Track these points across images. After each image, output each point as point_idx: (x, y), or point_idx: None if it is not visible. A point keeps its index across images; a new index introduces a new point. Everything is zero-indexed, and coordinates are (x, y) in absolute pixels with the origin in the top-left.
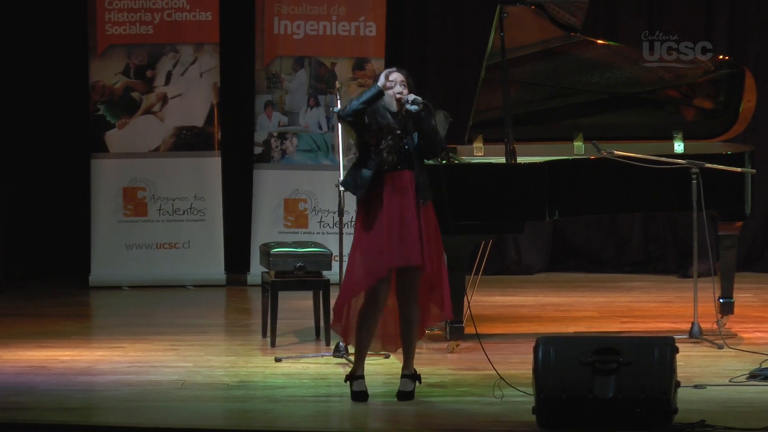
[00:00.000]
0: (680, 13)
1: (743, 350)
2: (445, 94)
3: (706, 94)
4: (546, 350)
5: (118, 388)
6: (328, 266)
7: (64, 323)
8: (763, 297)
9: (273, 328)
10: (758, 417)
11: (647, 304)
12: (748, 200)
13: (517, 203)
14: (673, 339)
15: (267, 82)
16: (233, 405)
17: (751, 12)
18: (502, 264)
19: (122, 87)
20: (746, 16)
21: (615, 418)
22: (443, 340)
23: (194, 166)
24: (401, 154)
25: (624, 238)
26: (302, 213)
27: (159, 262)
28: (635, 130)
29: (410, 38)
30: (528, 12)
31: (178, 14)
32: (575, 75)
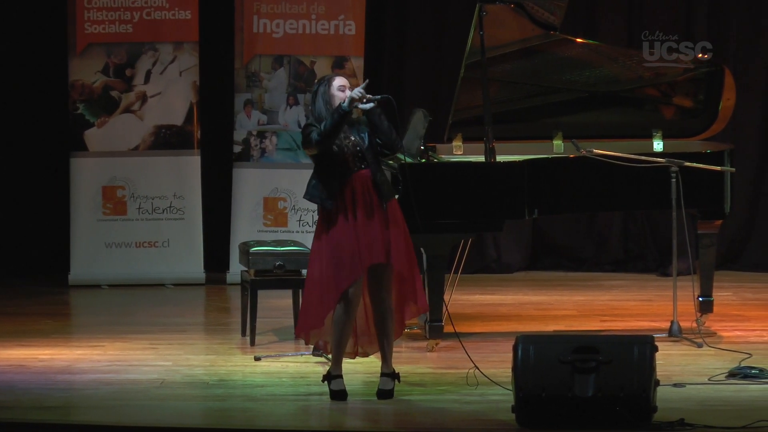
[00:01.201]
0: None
1: (723, 349)
2: (425, 92)
3: (685, 92)
4: (525, 349)
5: (98, 386)
6: (307, 265)
7: (44, 322)
8: (743, 295)
9: (252, 327)
10: (737, 416)
11: (627, 302)
12: (727, 199)
13: (497, 202)
14: (653, 338)
15: (246, 81)
16: (212, 404)
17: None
18: (482, 262)
19: (101, 86)
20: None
21: (594, 417)
22: (422, 338)
23: (174, 165)
24: (357, 155)
25: (603, 237)
26: (282, 212)
27: (138, 261)
28: (615, 128)
29: (390, 37)
30: (507, 10)
31: (158, 13)
32: (555, 73)
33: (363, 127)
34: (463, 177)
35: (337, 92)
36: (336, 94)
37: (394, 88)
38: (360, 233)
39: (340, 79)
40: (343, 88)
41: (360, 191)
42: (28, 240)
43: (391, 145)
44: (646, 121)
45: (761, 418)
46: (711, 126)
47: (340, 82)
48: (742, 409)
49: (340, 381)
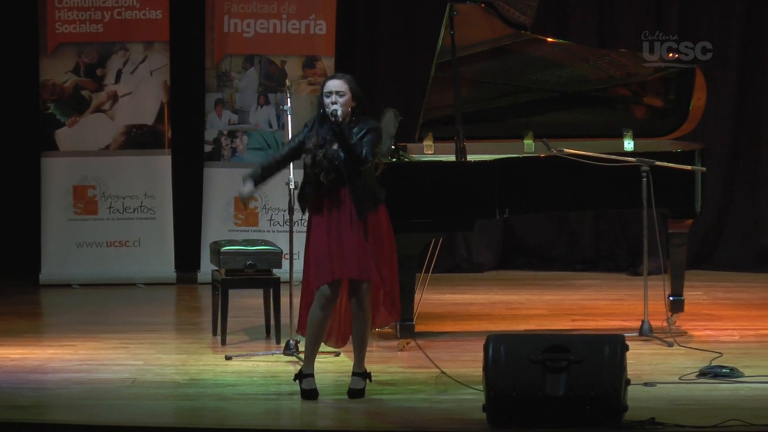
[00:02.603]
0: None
1: (693, 348)
2: (396, 92)
3: (656, 92)
4: (496, 348)
5: (69, 386)
6: (278, 264)
7: (15, 321)
8: (714, 295)
9: (223, 326)
10: (708, 415)
11: (597, 302)
12: (698, 198)
13: (468, 201)
14: (624, 337)
15: (217, 81)
16: (183, 403)
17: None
18: (453, 262)
19: (72, 85)
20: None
21: (565, 416)
22: (394, 338)
23: (144, 165)
24: (331, 168)
25: (574, 236)
26: (252, 211)
27: (109, 261)
28: (585, 127)
29: (361, 36)
30: (478, 10)
31: (128, 12)
32: (525, 73)
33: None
34: (434, 176)
35: (325, 98)
36: (324, 101)
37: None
38: (336, 244)
39: (331, 82)
40: (329, 93)
41: (335, 203)
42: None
43: (355, 160)
44: (617, 120)
45: (732, 417)
46: (682, 125)
47: (329, 87)
48: (712, 408)
49: (311, 380)
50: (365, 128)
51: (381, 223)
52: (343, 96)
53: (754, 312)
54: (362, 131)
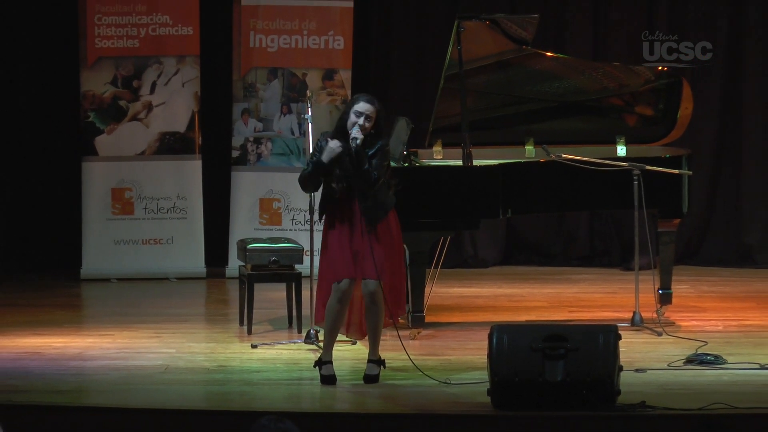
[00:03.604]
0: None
1: (681, 337)
2: (408, 101)
3: (646, 102)
4: (500, 337)
5: (107, 372)
6: (299, 260)
7: (57, 313)
8: (700, 288)
9: (249, 317)
10: (694, 398)
11: (593, 294)
12: (685, 199)
13: (474, 202)
14: (617, 327)
15: (243, 92)
16: (213, 388)
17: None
18: (460, 258)
19: (111, 96)
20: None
21: (563, 400)
22: (406, 327)
23: (177, 169)
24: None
25: (571, 234)
26: (276, 211)
27: (144, 257)
28: (582, 135)
29: (375, 50)
30: (483, 27)
31: (162, 29)
32: (527, 84)
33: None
34: (443, 179)
35: (352, 115)
36: (351, 117)
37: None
38: (350, 247)
39: (363, 104)
40: (359, 114)
41: (349, 210)
42: (43, 238)
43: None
44: (611, 128)
45: (716, 401)
46: (670, 133)
47: (360, 108)
48: (698, 392)
49: (330, 367)
50: (376, 147)
51: (390, 228)
52: (370, 121)
53: (737, 304)
54: (373, 149)
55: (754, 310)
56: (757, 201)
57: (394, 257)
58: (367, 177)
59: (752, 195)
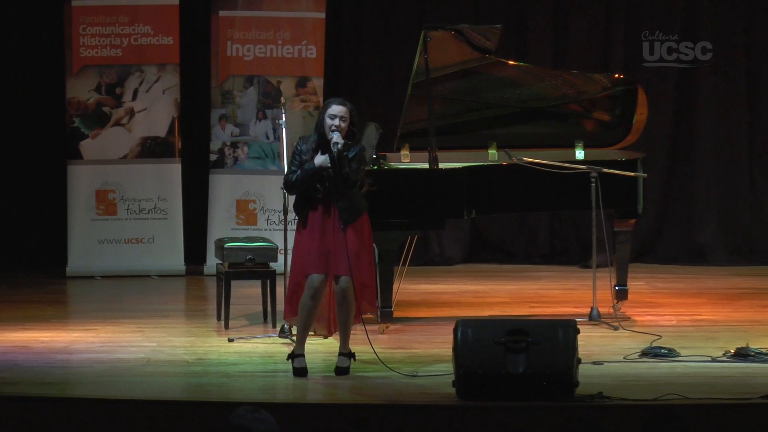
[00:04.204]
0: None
1: (636, 331)
2: (377, 107)
3: (604, 108)
4: (464, 331)
5: (92, 365)
6: (274, 258)
7: (44, 308)
8: (654, 285)
9: (226, 313)
10: (649, 389)
11: (552, 291)
12: (640, 201)
13: (439, 203)
14: (575, 321)
15: (221, 98)
16: (192, 379)
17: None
18: (426, 256)
19: (95, 102)
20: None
21: (525, 391)
22: (375, 322)
23: (158, 171)
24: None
25: (532, 234)
26: (252, 212)
27: (127, 255)
28: (542, 139)
29: (346, 59)
30: (449, 36)
31: (144, 39)
32: (490, 91)
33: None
34: (410, 182)
35: (327, 119)
36: (326, 120)
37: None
38: (324, 245)
39: (336, 107)
40: (333, 116)
41: (326, 210)
42: (31, 237)
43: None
44: (570, 132)
45: (670, 392)
46: (626, 137)
47: (333, 111)
48: (653, 384)
49: (302, 360)
50: (354, 151)
51: (363, 228)
52: (345, 121)
53: (689, 300)
54: (352, 153)
55: (706, 306)
56: (708, 202)
57: (365, 256)
58: (347, 179)
59: (704, 197)
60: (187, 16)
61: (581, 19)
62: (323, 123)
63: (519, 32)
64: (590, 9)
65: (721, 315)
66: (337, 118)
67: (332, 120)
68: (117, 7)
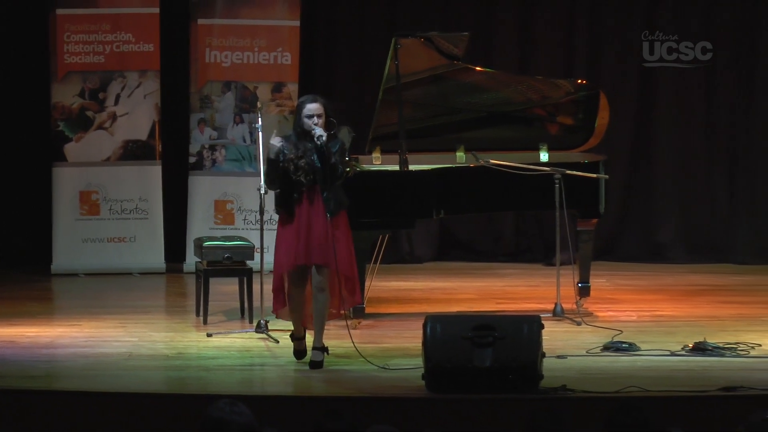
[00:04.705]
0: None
1: (598, 326)
2: (350, 112)
3: (567, 112)
4: (433, 327)
5: (76, 359)
6: (251, 257)
7: (30, 305)
8: (615, 282)
9: (205, 309)
10: (611, 382)
11: (518, 288)
12: (602, 201)
13: (409, 204)
14: (540, 317)
15: (200, 103)
16: (172, 373)
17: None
18: (397, 255)
19: (79, 107)
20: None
21: (491, 384)
22: (348, 318)
23: (139, 173)
24: (309, 173)
25: (498, 233)
26: (229, 212)
27: (110, 254)
28: (508, 142)
29: (320, 65)
30: (418, 44)
31: (125, 46)
32: (458, 96)
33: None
34: (382, 183)
35: (305, 119)
36: (304, 121)
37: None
38: (307, 234)
39: (310, 105)
40: (310, 115)
41: (311, 201)
42: (17, 236)
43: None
44: (534, 136)
45: (630, 385)
46: (588, 140)
47: (308, 111)
48: (614, 377)
49: (301, 342)
50: (337, 145)
51: (344, 223)
52: (321, 117)
53: (649, 296)
54: (335, 147)
55: (665, 302)
56: (667, 203)
57: (348, 250)
58: (335, 170)
59: (663, 197)
60: (167, 24)
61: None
62: (302, 124)
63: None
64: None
65: (680, 311)
66: (314, 116)
67: (310, 119)
68: (100, 15)
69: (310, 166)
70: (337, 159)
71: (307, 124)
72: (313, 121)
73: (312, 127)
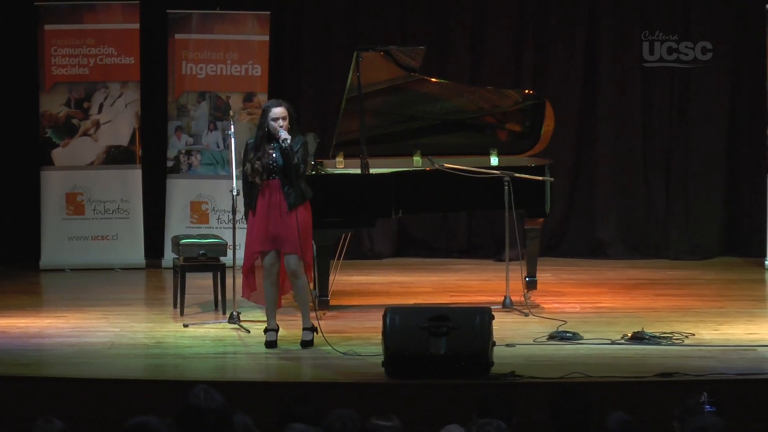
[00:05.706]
0: (497, 52)
1: (544, 317)
2: (315, 119)
3: (515, 119)
4: (392, 317)
5: (62, 348)
6: (224, 253)
7: (20, 298)
8: (560, 276)
9: (182, 301)
10: (556, 368)
11: (470, 282)
12: (547, 202)
13: (370, 204)
14: (490, 309)
15: (177, 111)
16: (151, 361)
17: (550, 53)
18: (359, 251)
19: (65, 115)
20: (546, 58)
21: (446, 370)
22: (313, 310)
23: (121, 176)
24: (270, 168)
25: (452, 231)
26: (204, 212)
27: (94, 251)
28: (461, 147)
29: (287, 77)
30: (378, 57)
31: (108, 59)
32: (415, 105)
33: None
34: (344, 185)
35: (271, 123)
36: (270, 125)
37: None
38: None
39: (275, 110)
40: (275, 119)
41: (272, 195)
42: (6, 234)
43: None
44: (485, 142)
45: (574, 371)
46: (535, 146)
47: (274, 114)
48: (559, 363)
49: (273, 333)
50: (299, 143)
51: (306, 214)
52: (285, 119)
53: (591, 289)
54: (297, 145)
55: (606, 295)
56: (608, 203)
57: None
58: (297, 169)
59: (604, 198)
60: (146, 38)
61: (498, 36)
62: (267, 126)
63: (440, 52)
64: (503, 27)
65: (620, 303)
66: (279, 119)
67: (275, 122)
68: (85, 30)
69: (265, 168)
70: (299, 158)
71: (272, 127)
72: (279, 124)
73: (278, 129)
